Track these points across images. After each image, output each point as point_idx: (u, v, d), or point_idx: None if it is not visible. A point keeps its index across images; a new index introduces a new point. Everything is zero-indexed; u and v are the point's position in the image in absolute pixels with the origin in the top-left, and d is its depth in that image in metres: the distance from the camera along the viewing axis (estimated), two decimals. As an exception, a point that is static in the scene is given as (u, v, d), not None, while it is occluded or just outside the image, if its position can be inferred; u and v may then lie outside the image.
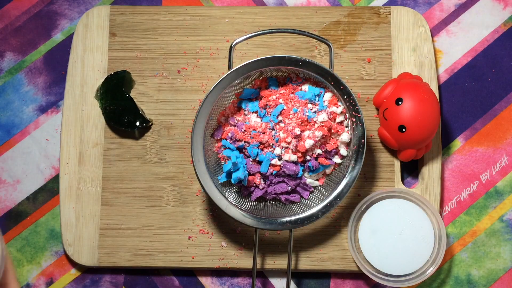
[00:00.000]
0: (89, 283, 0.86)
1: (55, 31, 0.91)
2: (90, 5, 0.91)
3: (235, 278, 0.86)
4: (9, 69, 0.90)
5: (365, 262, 0.82)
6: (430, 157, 0.85)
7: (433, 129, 0.81)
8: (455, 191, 0.87)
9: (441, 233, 0.81)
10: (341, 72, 0.86)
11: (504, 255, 0.85)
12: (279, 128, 0.80)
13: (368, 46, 0.87)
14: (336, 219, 0.84)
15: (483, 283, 0.85)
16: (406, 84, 0.82)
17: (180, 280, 0.86)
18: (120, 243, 0.84)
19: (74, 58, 0.88)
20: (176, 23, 0.88)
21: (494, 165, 0.87)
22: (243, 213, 0.78)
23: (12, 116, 0.89)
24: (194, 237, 0.84)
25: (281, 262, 0.84)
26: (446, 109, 0.88)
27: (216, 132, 0.82)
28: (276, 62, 0.78)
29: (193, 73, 0.87)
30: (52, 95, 0.89)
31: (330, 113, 0.80)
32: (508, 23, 0.90)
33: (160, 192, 0.85)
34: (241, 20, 0.88)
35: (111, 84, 0.85)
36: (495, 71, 0.88)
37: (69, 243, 0.84)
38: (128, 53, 0.87)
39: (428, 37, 0.87)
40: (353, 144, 0.79)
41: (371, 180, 0.85)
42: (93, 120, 0.86)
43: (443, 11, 0.90)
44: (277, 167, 0.80)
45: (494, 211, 0.86)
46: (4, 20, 0.91)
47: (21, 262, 0.86)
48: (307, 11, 0.88)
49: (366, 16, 0.87)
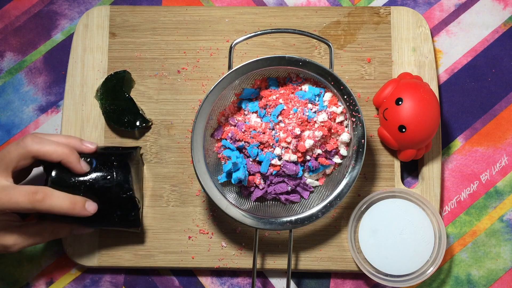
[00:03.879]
0: (89, 283, 0.86)
1: (55, 31, 0.91)
2: (90, 5, 0.91)
3: (235, 278, 0.86)
4: (9, 69, 0.90)
5: (365, 262, 0.82)
6: (430, 157, 0.85)
7: (433, 129, 0.81)
8: (455, 191, 0.87)
9: (441, 233, 0.81)
10: (341, 72, 0.86)
11: (504, 255, 0.85)
12: (279, 128, 0.80)
13: (368, 46, 0.87)
14: (336, 219, 0.84)
15: (483, 283, 0.85)
16: (406, 84, 0.82)
17: (180, 280, 0.86)
18: (120, 243, 0.84)
19: (74, 58, 0.88)
20: (176, 23, 0.88)
21: (494, 165, 0.87)
22: (243, 213, 0.78)
23: (12, 116, 0.89)
24: (194, 237, 0.84)
25: (281, 262, 0.84)
26: (446, 109, 0.88)
27: (216, 132, 0.82)
28: (276, 62, 0.78)
29: (193, 73, 0.87)
30: (52, 95, 0.89)
31: (330, 113, 0.80)
32: (508, 23, 0.90)
33: (160, 192, 0.85)
34: (241, 20, 0.88)
35: (111, 84, 0.85)
36: (495, 71, 0.88)
37: (69, 243, 0.84)
38: (128, 53, 0.87)
39: (428, 37, 0.87)
40: (353, 144, 0.79)
41: (371, 180, 0.85)
42: (93, 120, 0.86)
43: (443, 11, 0.90)
44: (277, 167, 0.80)
45: (494, 211, 0.86)
46: (4, 20, 0.91)
47: (21, 262, 0.86)
48: (307, 11, 0.88)
49: (366, 16, 0.87)
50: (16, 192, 0.72)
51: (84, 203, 0.75)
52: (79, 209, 0.74)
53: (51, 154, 0.75)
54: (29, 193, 0.72)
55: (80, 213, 0.75)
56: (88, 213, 0.75)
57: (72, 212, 0.74)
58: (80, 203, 0.75)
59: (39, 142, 0.74)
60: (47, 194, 0.73)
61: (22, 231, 0.77)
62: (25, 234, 0.77)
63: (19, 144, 0.74)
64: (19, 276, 0.86)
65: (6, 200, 0.72)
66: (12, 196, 0.72)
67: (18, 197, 0.72)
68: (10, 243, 0.76)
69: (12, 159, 0.74)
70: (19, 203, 0.72)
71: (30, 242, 0.77)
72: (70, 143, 0.78)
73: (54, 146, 0.75)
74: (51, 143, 0.75)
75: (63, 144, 0.76)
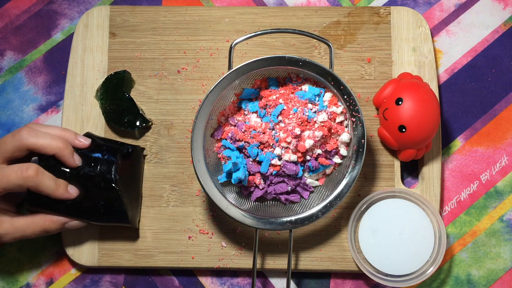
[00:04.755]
0: (89, 283, 0.86)
1: (55, 30, 0.91)
2: (90, 5, 0.91)
3: (235, 278, 0.86)
4: (9, 68, 0.90)
5: (365, 262, 0.82)
6: (430, 157, 0.85)
7: (433, 129, 0.81)
8: (455, 191, 0.87)
9: (441, 233, 0.81)
10: (341, 72, 0.86)
11: (504, 255, 0.85)
12: (279, 128, 0.80)
13: (368, 46, 0.87)
14: (336, 219, 0.84)
15: (483, 283, 0.85)
16: (406, 84, 0.82)
17: (180, 280, 0.86)
18: (120, 243, 0.84)
19: (74, 58, 0.88)
20: (176, 23, 0.88)
21: (494, 165, 0.87)
22: (243, 213, 0.78)
23: (12, 115, 0.89)
24: (194, 237, 0.84)
25: (281, 262, 0.84)
26: (446, 109, 0.88)
27: (216, 132, 0.82)
28: (276, 62, 0.78)
29: (193, 73, 0.87)
30: (52, 94, 0.89)
31: (330, 113, 0.80)
32: (508, 23, 0.89)
33: (160, 192, 0.85)
34: (241, 20, 0.88)
35: (111, 84, 0.85)
36: (495, 71, 0.88)
37: (69, 243, 0.84)
38: (128, 53, 0.87)
39: (428, 37, 0.87)
40: (353, 144, 0.79)
41: (371, 180, 0.85)
42: (93, 120, 0.86)
43: (443, 11, 0.90)
44: (277, 167, 0.80)
45: (494, 211, 0.86)
46: (4, 19, 0.91)
47: (21, 262, 0.86)
48: (307, 11, 0.88)
49: (366, 16, 0.87)
50: (8, 169, 0.75)
51: (66, 186, 0.78)
52: (62, 190, 0.77)
53: (45, 148, 0.76)
54: (21, 169, 0.74)
55: (63, 195, 0.77)
56: (71, 196, 0.78)
57: (55, 193, 0.76)
58: (63, 185, 0.77)
59: (35, 135, 0.76)
60: (38, 170, 0.75)
61: (14, 221, 0.78)
62: (17, 224, 0.78)
63: (15, 136, 0.76)
64: (19, 276, 0.86)
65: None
66: (5, 174, 0.74)
67: (10, 173, 0.74)
68: (2, 232, 0.77)
69: (7, 150, 0.76)
70: (11, 179, 0.74)
71: (21, 234, 0.78)
72: (65, 136, 0.79)
73: (49, 139, 0.77)
74: (46, 136, 0.77)
75: (58, 138, 0.77)
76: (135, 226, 0.83)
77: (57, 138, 0.77)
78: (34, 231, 0.79)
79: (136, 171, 0.84)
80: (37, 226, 0.79)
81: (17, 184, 0.75)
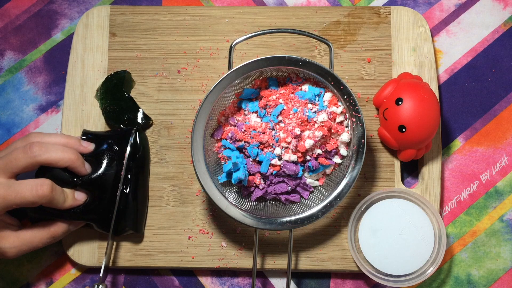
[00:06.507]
0: (89, 283, 0.86)
1: (55, 30, 0.91)
2: (90, 5, 0.91)
3: (235, 278, 0.86)
4: (9, 68, 0.90)
5: (365, 262, 0.82)
6: (430, 157, 0.85)
7: (433, 129, 0.81)
8: (455, 191, 0.87)
9: (441, 233, 0.81)
10: (341, 72, 0.86)
11: (504, 255, 0.85)
12: (279, 128, 0.80)
13: (368, 46, 0.87)
14: (336, 219, 0.84)
15: (483, 283, 0.85)
16: (406, 84, 0.82)
17: (180, 280, 0.86)
18: (120, 243, 0.84)
19: (74, 58, 0.88)
20: (176, 23, 0.88)
21: (494, 165, 0.87)
22: (243, 213, 0.78)
23: (12, 115, 0.89)
24: (194, 237, 0.84)
25: (281, 262, 0.84)
26: (446, 109, 0.88)
27: (216, 132, 0.82)
28: (276, 62, 0.78)
29: (193, 73, 0.87)
30: (52, 94, 0.89)
31: (330, 113, 0.80)
32: (508, 23, 0.89)
33: (160, 192, 0.85)
34: (241, 20, 0.88)
35: (111, 84, 0.85)
36: (495, 71, 0.88)
37: (69, 243, 0.84)
38: (128, 53, 0.87)
39: (428, 37, 0.87)
40: (353, 144, 0.79)
41: (371, 180, 0.85)
42: (93, 120, 0.86)
43: (443, 11, 0.90)
44: (277, 167, 0.80)
45: (494, 211, 0.86)
46: (4, 18, 0.91)
47: (21, 262, 0.86)
48: (307, 11, 0.88)
49: (366, 16, 0.87)
50: (21, 186, 0.74)
51: (73, 195, 0.79)
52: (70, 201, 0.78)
53: (58, 162, 0.76)
54: (36, 187, 0.74)
55: (71, 206, 0.78)
56: (79, 203, 0.79)
57: (64, 206, 0.77)
58: (70, 195, 0.78)
59: (46, 151, 0.76)
60: (52, 187, 0.75)
61: (19, 234, 0.77)
62: (23, 236, 0.77)
63: (26, 152, 0.75)
64: (19, 276, 0.86)
65: (13, 196, 0.73)
66: (19, 191, 0.73)
67: (24, 191, 0.73)
68: (7, 246, 0.76)
69: (19, 166, 0.75)
70: (26, 197, 0.73)
71: (28, 246, 0.78)
72: (70, 143, 0.79)
73: (61, 153, 0.76)
74: (57, 150, 0.76)
75: (68, 150, 0.77)
76: (141, 231, 0.83)
77: (67, 150, 0.77)
78: (42, 240, 0.78)
79: (144, 168, 0.84)
80: (43, 233, 0.78)
81: (31, 201, 0.74)
